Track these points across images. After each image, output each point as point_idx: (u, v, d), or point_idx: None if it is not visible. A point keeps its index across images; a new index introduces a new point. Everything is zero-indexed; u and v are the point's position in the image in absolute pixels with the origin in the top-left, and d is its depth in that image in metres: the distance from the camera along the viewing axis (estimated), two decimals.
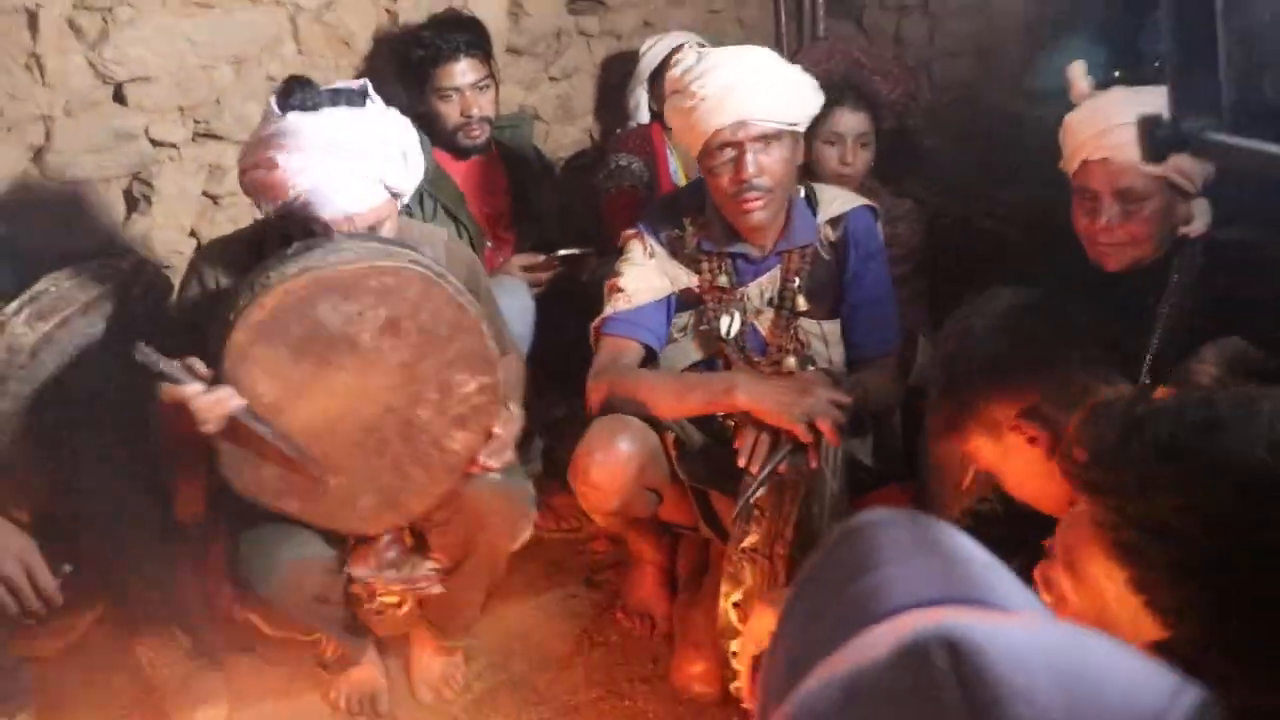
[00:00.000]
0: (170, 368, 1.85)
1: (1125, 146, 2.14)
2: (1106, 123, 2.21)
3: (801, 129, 2.37)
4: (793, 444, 2.20)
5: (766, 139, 2.29)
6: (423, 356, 2.03)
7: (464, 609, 2.55)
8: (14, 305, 2.24)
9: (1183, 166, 2.17)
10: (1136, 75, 3.63)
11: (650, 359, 2.50)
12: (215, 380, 1.90)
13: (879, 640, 0.67)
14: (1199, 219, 2.44)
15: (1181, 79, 0.75)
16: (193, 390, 1.85)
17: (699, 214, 2.47)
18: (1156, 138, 0.73)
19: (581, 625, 2.77)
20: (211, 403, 1.86)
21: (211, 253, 2.36)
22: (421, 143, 2.82)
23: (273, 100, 2.07)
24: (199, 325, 2.10)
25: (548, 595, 2.84)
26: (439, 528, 2.32)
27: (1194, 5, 0.77)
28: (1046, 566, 1.29)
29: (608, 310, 2.47)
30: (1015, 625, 0.67)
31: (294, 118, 2.03)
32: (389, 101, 2.22)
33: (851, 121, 3.01)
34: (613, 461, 2.32)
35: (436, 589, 2.36)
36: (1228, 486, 1.05)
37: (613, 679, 2.60)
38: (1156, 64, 3.64)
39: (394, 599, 2.41)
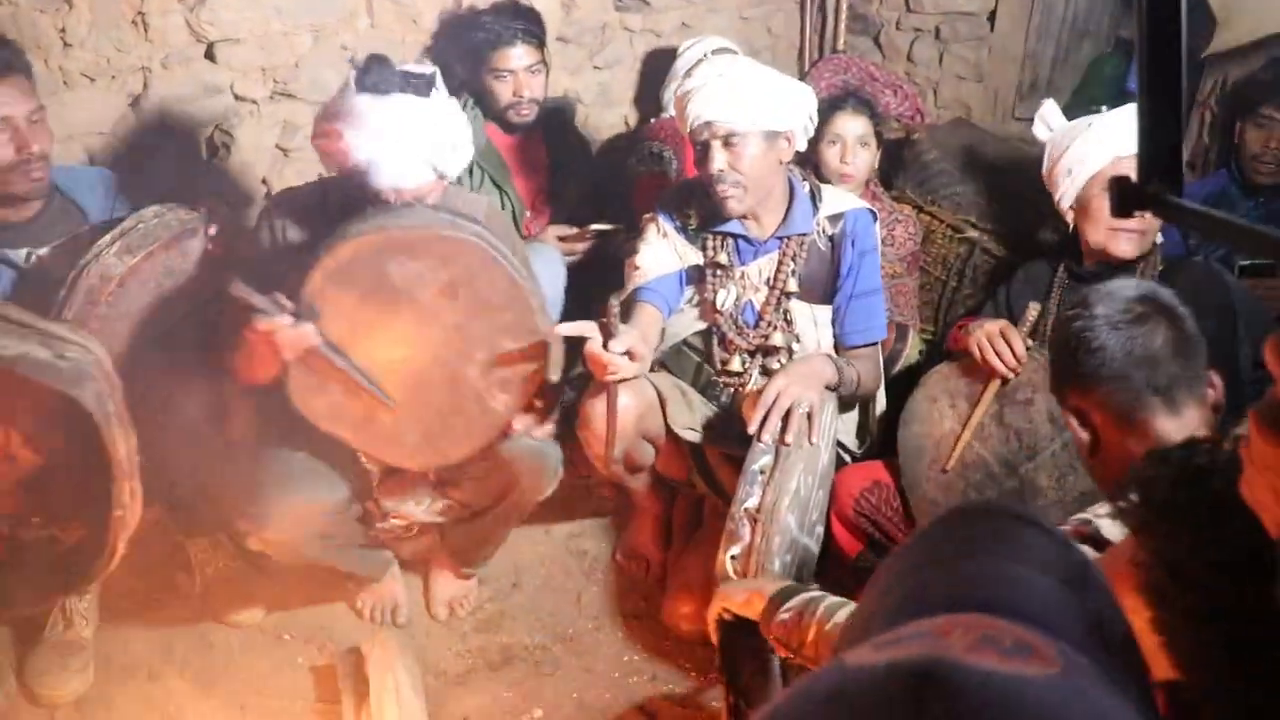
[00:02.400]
0: (264, 302, 1.94)
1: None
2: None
3: (779, 127, 2.41)
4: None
5: (729, 138, 2.37)
6: (474, 320, 2.11)
7: (486, 545, 2.67)
8: (107, 238, 2.29)
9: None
10: None
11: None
12: (297, 317, 1.99)
13: (893, 643, 0.65)
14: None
15: (1148, 144, 0.84)
16: (282, 322, 1.96)
17: (707, 199, 2.54)
18: (1124, 196, 0.81)
19: (584, 563, 2.89)
20: (297, 335, 1.97)
21: (281, 202, 2.44)
22: (474, 118, 2.95)
23: (352, 76, 2.13)
24: (269, 266, 2.19)
25: (556, 533, 2.95)
26: (474, 480, 2.42)
27: (1162, 79, 0.82)
28: None
29: (628, 287, 2.56)
30: (1020, 675, 0.61)
31: (365, 99, 2.08)
32: (448, 75, 2.29)
33: (851, 124, 3.08)
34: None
35: (440, 519, 2.49)
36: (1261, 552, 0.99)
37: (608, 612, 2.73)
38: None
39: (403, 523, 2.53)
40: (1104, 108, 3.78)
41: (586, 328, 2.17)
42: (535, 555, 2.90)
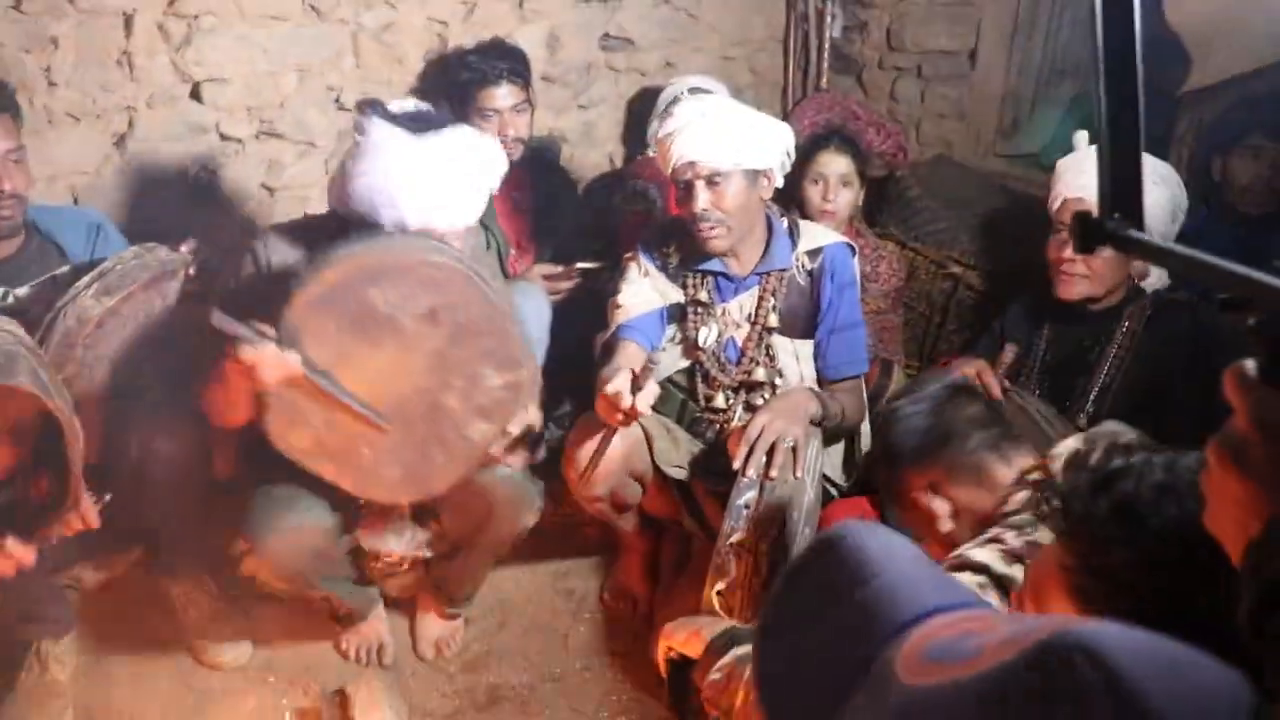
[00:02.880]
0: (245, 331, 1.91)
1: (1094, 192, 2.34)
2: (1082, 170, 2.42)
3: (758, 166, 2.43)
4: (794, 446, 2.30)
5: (712, 177, 2.38)
6: (456, 347, 2.09)
7: (467, 581, 2.65)
8: (84, 280, 2.27)
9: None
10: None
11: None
12: (276, 343, 1.96)
13: (996, 646, 0.69)
14: (1155, 276, 2.62)
15: (1109, 178, 0.84)
16: (266, 349, 1.92)
17: (687, 237, 2.55)
18: (1085, 231, 0.82)
19: (571, 602, 2.86)
20: (280, 363, 1.94)
21: (267, 235, 2.40)
22: None
23: (371, 118, 2.10)
24: (252, 297, 2.17)
25: (542, 572, 2.92)
26: (451, 510, 2.41)
27: (1122, 114, 0.84)
28: (1018, 592, 1.33)
29: (611, 325, 2.57)
30: (1125, 630, 0.66)
31: (418, 142, 2.08)
32: None
33: (834, 163, 3.11)
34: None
35: (427, 554, 2.47)
36: (1174, 550, 1.05)
37: (596, 651, 2.70)
38: None
39: (395, 559, 2.51)
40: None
41: (622, 380, 2.17)
42: (522, 594, 2.87)
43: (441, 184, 2.09)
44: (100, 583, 2.68)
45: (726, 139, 2.38)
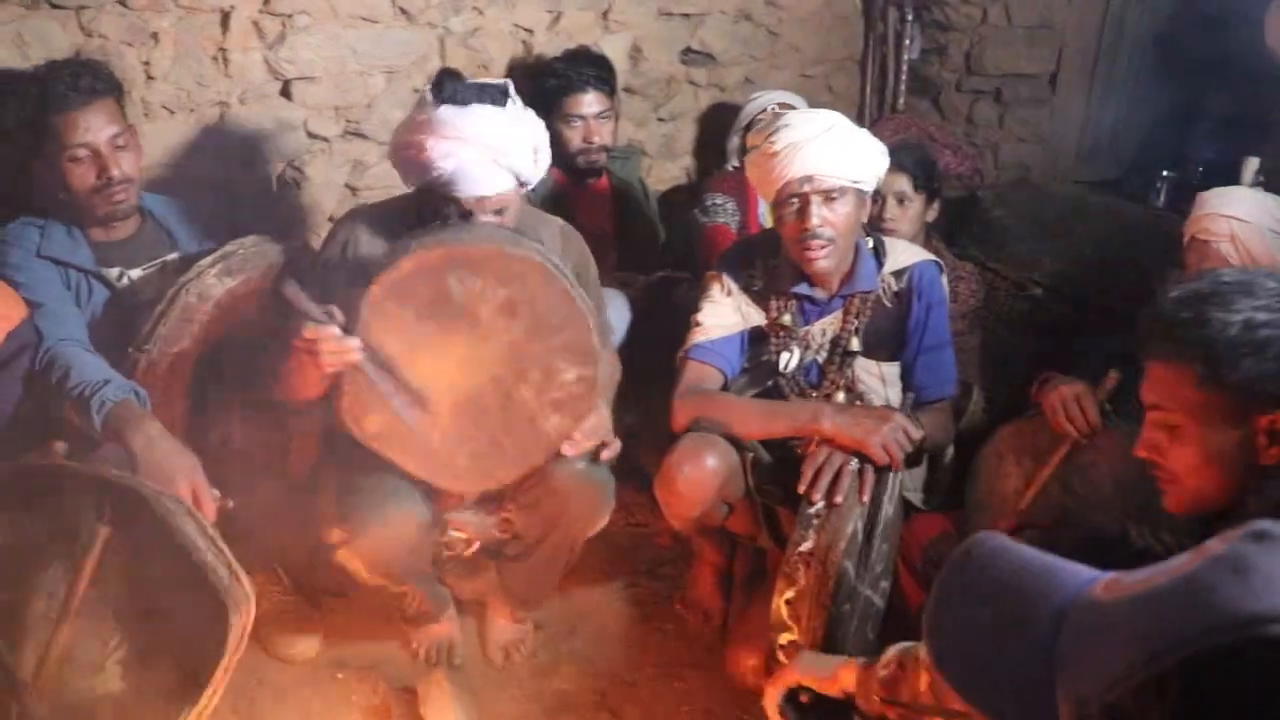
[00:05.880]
0: (311, 307, 1.90)
1: (1216, 234, 2.38)
2: (1208, 209, 2.40)
3: (867, 187, 2.39)
4: (861, 467, 2.26)
5: (830, 193, 2.32)
6: (532, 339, 2.07)
7: (540, 584, 2.60)
8: (208, 260, 2.31)
9: None
10: (1181, 177, 3.73)
11: (724, 386, 2.54)
12: (348, 330, 1.96)
13: (1188, 557, 0.80)
14: None
15: None
16: (328, 331, 1.90)
17: (771, 258, 2.51)
18: None
19: (641, 611, 2.82)
20: (339, 347, 1.91)
21: (352, 218, 2.39)
22: None
23: (428, 90, 2.14)
24: (332, 280, 2.17)
25: (612, 581, 2.88)
26: (525, 507, 2.37)
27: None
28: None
29: (690, 341, 2.52)
30: None
31: (445, 110, 2.10)
32: None
33: (894, 181, 3.03)
34: (699, 475, 2.35)
35: (501, 534, 2.43)
36: None
37: (667, 661, 2.64)
38: (1200, 168, 3.73)
39: (464, 535, 2.48)
40: (1165, 172, 3.80)
41: None
42: (592, 603, 2.83)
43: (475, 149, 2.09)
44: None
45: (846, 156, 2.32)
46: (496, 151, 2.12)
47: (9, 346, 2.16)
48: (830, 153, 2.31)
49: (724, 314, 2.53)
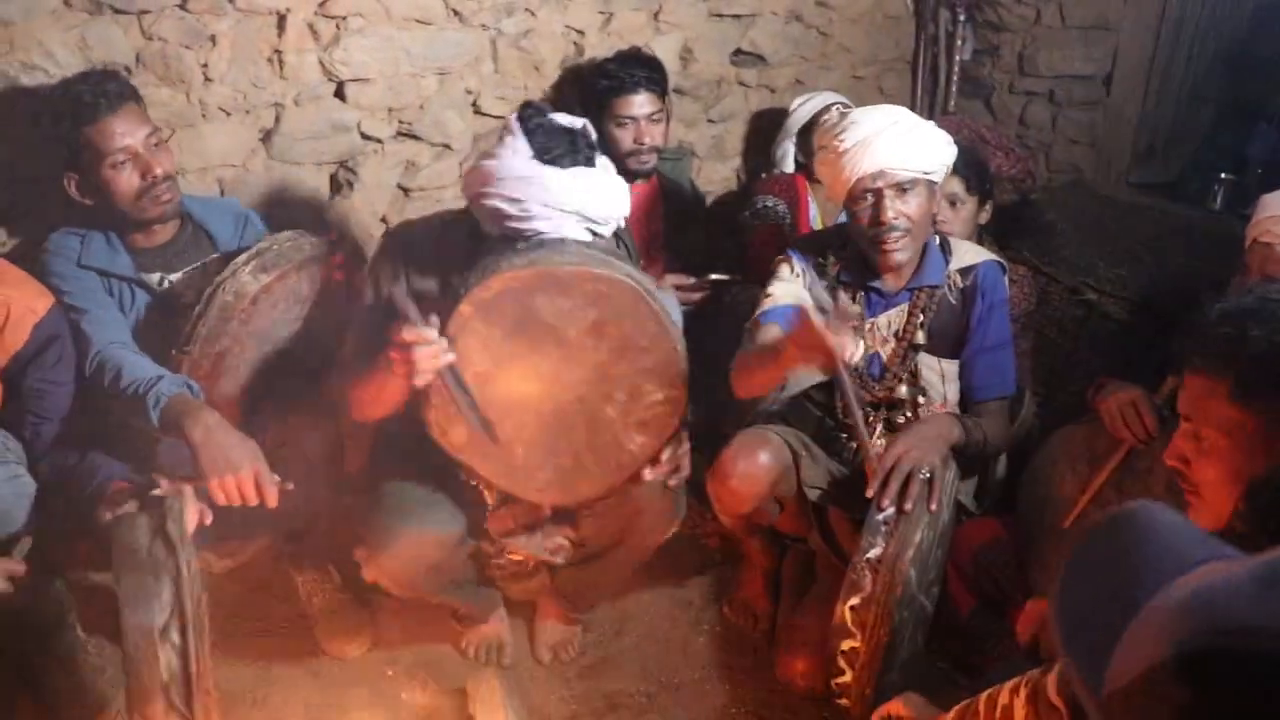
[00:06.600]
0: (415, 313, 1.89)
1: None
2: (1271, 211, 2.39)
3: (937, 177, 2.38)
4: (930, 475, 2.25)
5: (903, 186, 2.32)
6: (619, 360, 2.05)
7: (595, 590, 2.62)
8: (243, 257, 2.32)
9: None
10: (1240, 179, 3.66)
11: None
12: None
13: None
14: None
15: None
16: (429, 333, 1.88)
17: (841, 250, 2.51)
18: None
19: (689, 613, 2.81)
20: (432, 353, 1.90)
21: (403, 234, 2.36)
22: None
23: (519, 137, 2.02)
24: (389, 293, 2.09)
25: (662, 582, 2.87)
26: (595, 518, 2.35)
27: None
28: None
29: (760, 308, 2.48)
30: None
31: (542, 170, 1.99)
32: None
33: (943, 183, 2.99)
34: (753, 471, 2.36)
35: (560, 560, 2.38)
36: None
37: (715, 663, 2.64)
38: (1259, 170, 3.67)
39: (519, 558, 2.47)
40: (1223, 174, 3.73)
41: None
42: (640, 603, 2.83)
43: (555, 213, 2.01)
44: (227, 568, 2.69)
45: (915, 148, 2.32)
46: (591, 221, 2.07)
47: (38, 338, 2.19)
48: (899, 146, 2.30)
49: (794, 290, 2.51)
